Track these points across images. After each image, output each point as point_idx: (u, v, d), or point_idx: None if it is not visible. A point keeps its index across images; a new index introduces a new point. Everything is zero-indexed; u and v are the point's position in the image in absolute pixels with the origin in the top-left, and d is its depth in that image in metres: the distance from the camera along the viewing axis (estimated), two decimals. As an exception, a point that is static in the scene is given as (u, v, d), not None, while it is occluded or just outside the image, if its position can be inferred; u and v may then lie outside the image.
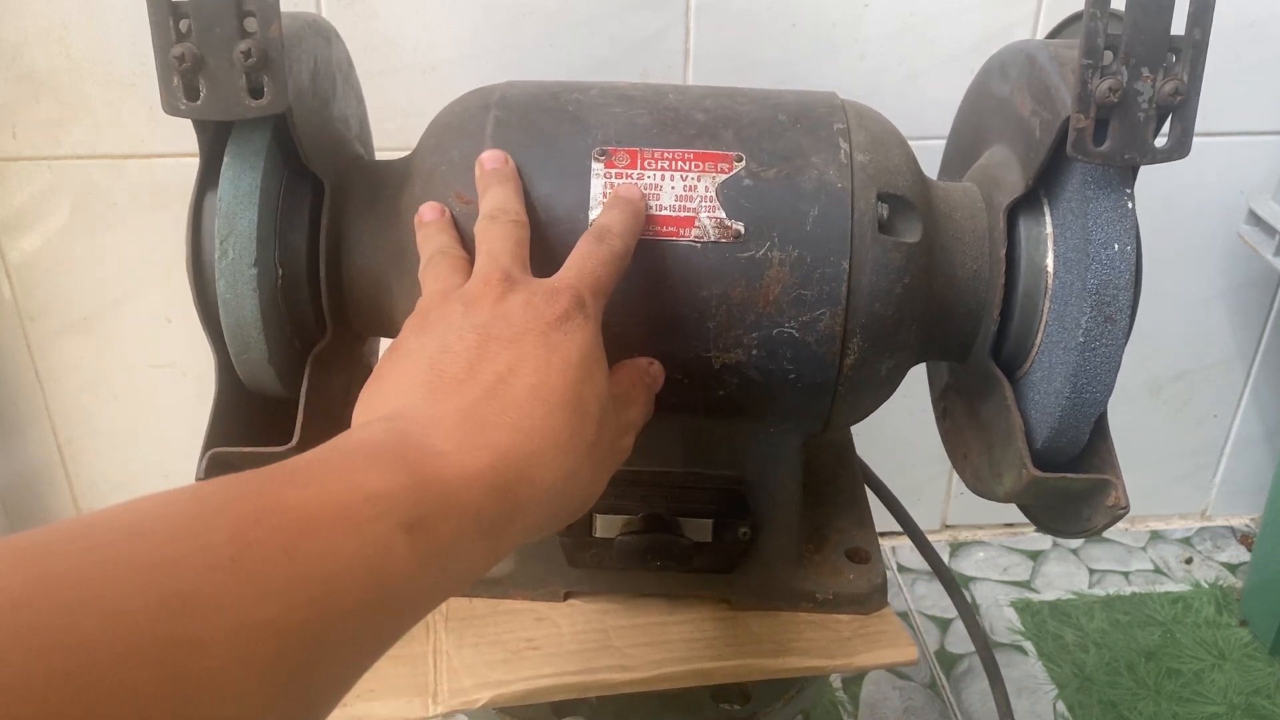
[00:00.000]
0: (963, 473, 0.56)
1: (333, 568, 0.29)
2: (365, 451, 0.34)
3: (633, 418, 0.44)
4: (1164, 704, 0.95)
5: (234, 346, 0.49)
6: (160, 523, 0.28)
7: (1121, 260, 0.46)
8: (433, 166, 0.50)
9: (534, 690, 0.52)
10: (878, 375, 0.50)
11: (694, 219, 0.47)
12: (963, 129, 0.61)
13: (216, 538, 0.27)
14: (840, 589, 0.56)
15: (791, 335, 0.48)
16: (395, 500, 0.31)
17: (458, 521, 0.33)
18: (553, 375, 0.39)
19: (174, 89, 0.44)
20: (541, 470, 0.37)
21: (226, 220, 0.47)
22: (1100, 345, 0.46)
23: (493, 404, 0.37)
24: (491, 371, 0.38)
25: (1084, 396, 0.47)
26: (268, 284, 0.48)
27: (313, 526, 0.29)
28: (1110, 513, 0.48)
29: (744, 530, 0.54)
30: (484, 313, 0.40)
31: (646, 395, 0.46)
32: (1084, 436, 0.49)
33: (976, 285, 0.51)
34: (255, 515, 0.29)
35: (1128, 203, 0.46)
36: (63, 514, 1.03)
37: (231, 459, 0.48)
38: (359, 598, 0.29)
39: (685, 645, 0.54)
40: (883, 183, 0.48)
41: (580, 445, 0.39)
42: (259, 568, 0.27)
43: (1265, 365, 1.10)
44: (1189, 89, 0.43)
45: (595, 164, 0.48)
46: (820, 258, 0.47)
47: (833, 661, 0.54)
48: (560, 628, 0.55)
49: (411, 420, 0.36)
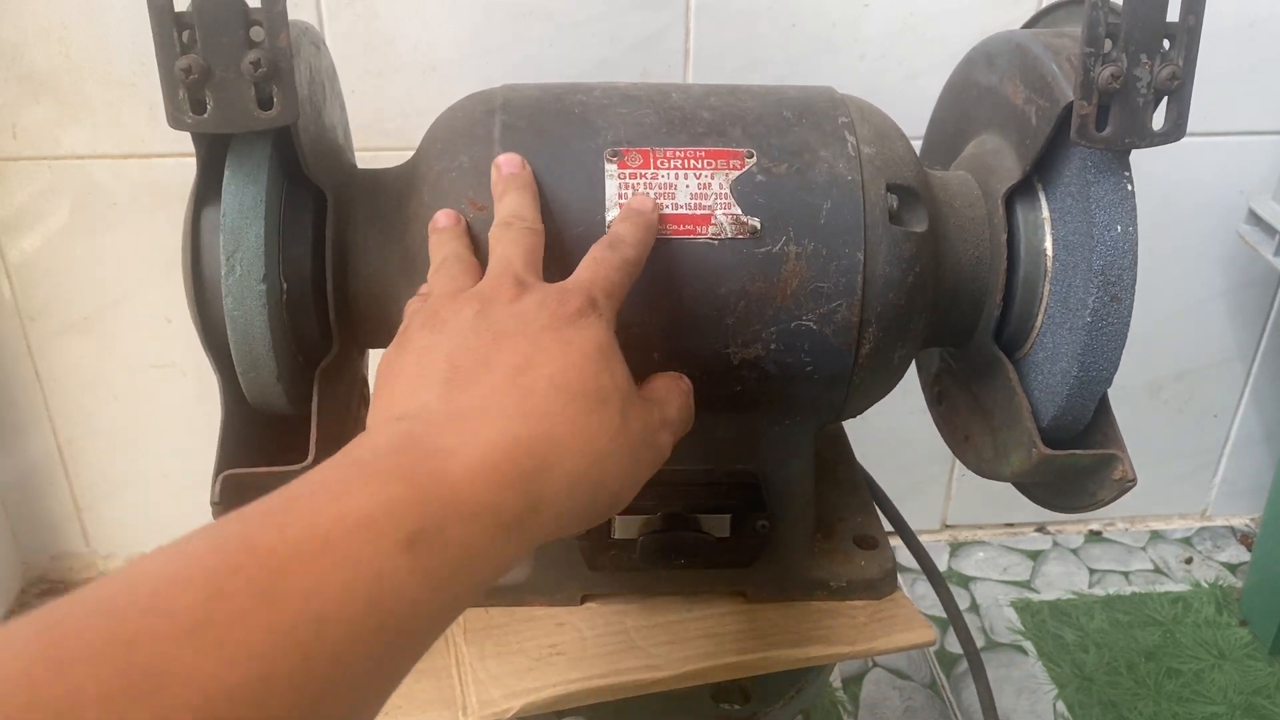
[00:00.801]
0: (964, 455, 0.57)
1: (322, 605, 0.28)
2: (363, 467, 0.33)
3: (669, 415, 0.44)
4: (1164, 704, 0.95)
5: (242, 365, 0.47)
6: (136, 593, 0.27)
7: (1125, 241, 0.47)
8: (440, 173, 0.49)
9: (565, 696, 0.52)
10: (890, 363, 0.50)
11: (710, 216, 0.47)
12: (945, 119, 0.62)
13: (186, 600, 0.26)
14: (853, 576, 0.57)
15: (809, 328, 0.48)
16: (391, 517, 0.30)
17: (470, 521, 0.32)
18: (570, 366, 0.38)
19: (180, 102, 0.43)
20: (563, 456, 0.36)
21: (232, 235, 0.45)
22: (1107, 324, 0.48)
23: (510, 395, 0.37)
24: (508, 364, 0.38)
25: (1091, 374, 0.49)
26: (275, 299, 0.47)
27: (296, 565, 0.28)
28: (1118, 486, 0.49)
29: (762, 523, 0.54)
30: (498, 311, 0.40)
31: (681, 398, 0.45)
32: (1089, 414, 0.50)
33: (979, 271, 0.52)
34: (232, 565, 0.28)
35: (1127, 185, 0.48)
36: (63, 514, 1.03)
37: (245, 480, 0.47)
38: (355, 630, 0.28)
39: (708, 640, 0.55)
40: (890, 174, 0.49)
41: (604, 432, 0.38)
42: (232, 626, 0.26)
43: (1265, 365, 1.10)
44: (1185, 73, 0.45)
45: (609, 165, 0.48)
46: (835, 250, 0.48)
47: (854, 647, 0.55)
48: (582, 632, 0.55)
49: (424, 420, 0.36)
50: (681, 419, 0.44)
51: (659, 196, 0.48)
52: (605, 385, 0.39)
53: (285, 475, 0.47)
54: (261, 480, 0.48)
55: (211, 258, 0.47)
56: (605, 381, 0.39)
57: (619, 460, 0.39)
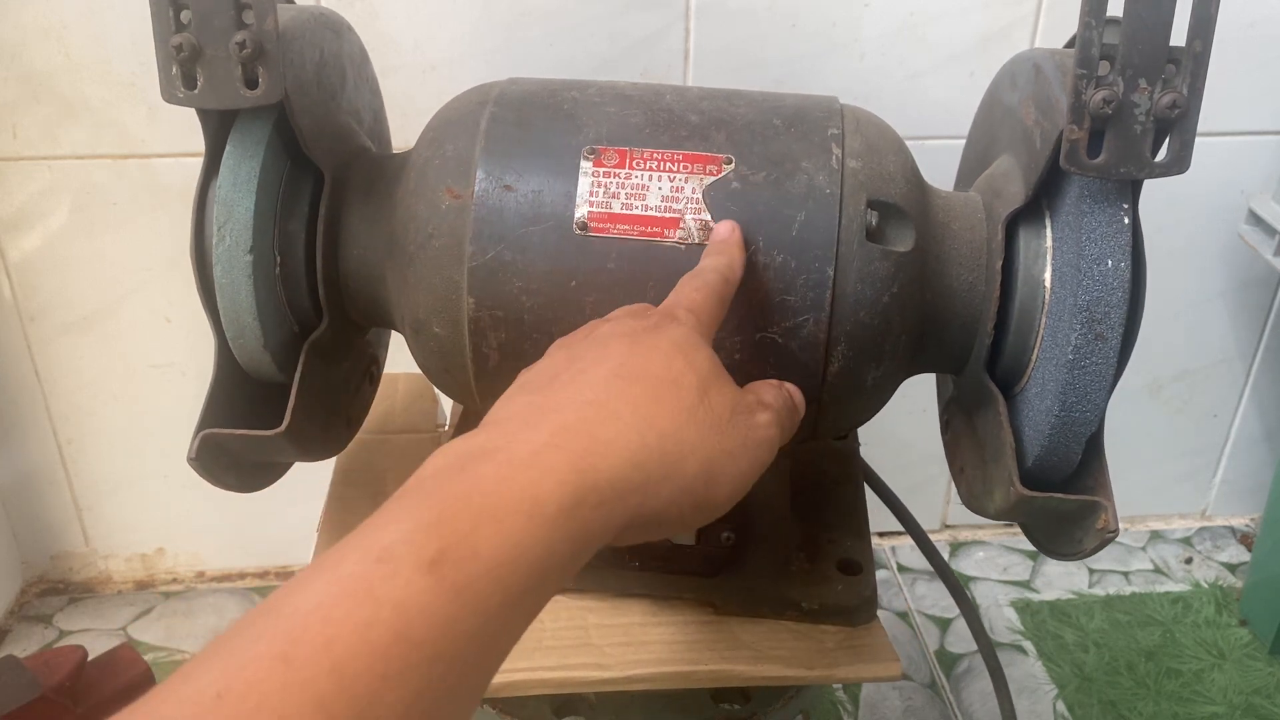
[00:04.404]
0: (958, 486, 0.56)
1: (342, 651, 0.27)
2: (400, 498, 0.32)
3: (765, 398, 0.42)
4: (1164, 704, 0.95)
5: (230, 331, 0.50)
6: (170, 679, 0.27)
7: (1114, 277, 0.45)
8: (427, 160, 0.50)
9: (508, 684, 0.52)
10: (863, 384, 0.49)
11: (679, 220, 0.47)
12: (976, 138, 0.60)
13: (209, 677, 0.26)
14: (827, 600, 0.56)
15: (775, 341, 0.47)
16: (411, 543, 0.29)
17: (504, 521, 0.31)
18: (635, 356, 0.38)
19: (172, 77, 0.45)
20: (621, 431, 0.35)
21: (225, 207, 0.48)
22: (1090, 363, 0.45)
23: (566, 389, 0.37)
24: (573, 370, 0.39)
25: (1073, 415, 0.46)
26: (264, 270, 0.49)
27: (315, 617, 0.27)
28: (1099, 535, 0.46)
29: (727, 535, 0.54)
30: (592, 331, 0.42)
31: (774, 388, 0.44)
32: (1076, 456, 0.48)
33: (971, 297, 0.50)
34: (255, 634, 0.27)
35: (1124, 218, 0.45)
36: (63, 514, 1.03)
37: (224, 440, 0.49)
38: (384, 668, 0.27)
39: (664, 647, 0.54)
40: (874, 190, 0.48)
41: (673, 409, 0.37)
42: (247, 694, 0.26)
43: (1265, 365, 1.10)
44: (1188, 102, 0.42)
45: (584, 162, 0.48)
46: (805, 264, 0.47)
47: (810, 672, 0.54)
48: (542, 623, 0.55)
49: (480, 428, 0.36)
50: (782, 406, 0.43)
51: (630, 197, 0.48)
52: (678, 369, 0.38)
53: (261, 439, 0.48)
54: (241, 441, 0.49)
55: (213, 228, 0.49)
56: (678, 365, 0.38)
57: (700, 435, 0.37)
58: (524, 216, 0.47)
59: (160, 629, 1.02)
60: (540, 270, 0.48)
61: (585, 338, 0.42)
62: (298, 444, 0.50)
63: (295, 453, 0.51)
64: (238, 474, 0.52)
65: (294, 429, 0.49)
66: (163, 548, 1.06)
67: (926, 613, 1.06)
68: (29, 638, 1.00)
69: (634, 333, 0.40)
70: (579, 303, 0.48)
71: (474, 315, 0.48)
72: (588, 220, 0.47)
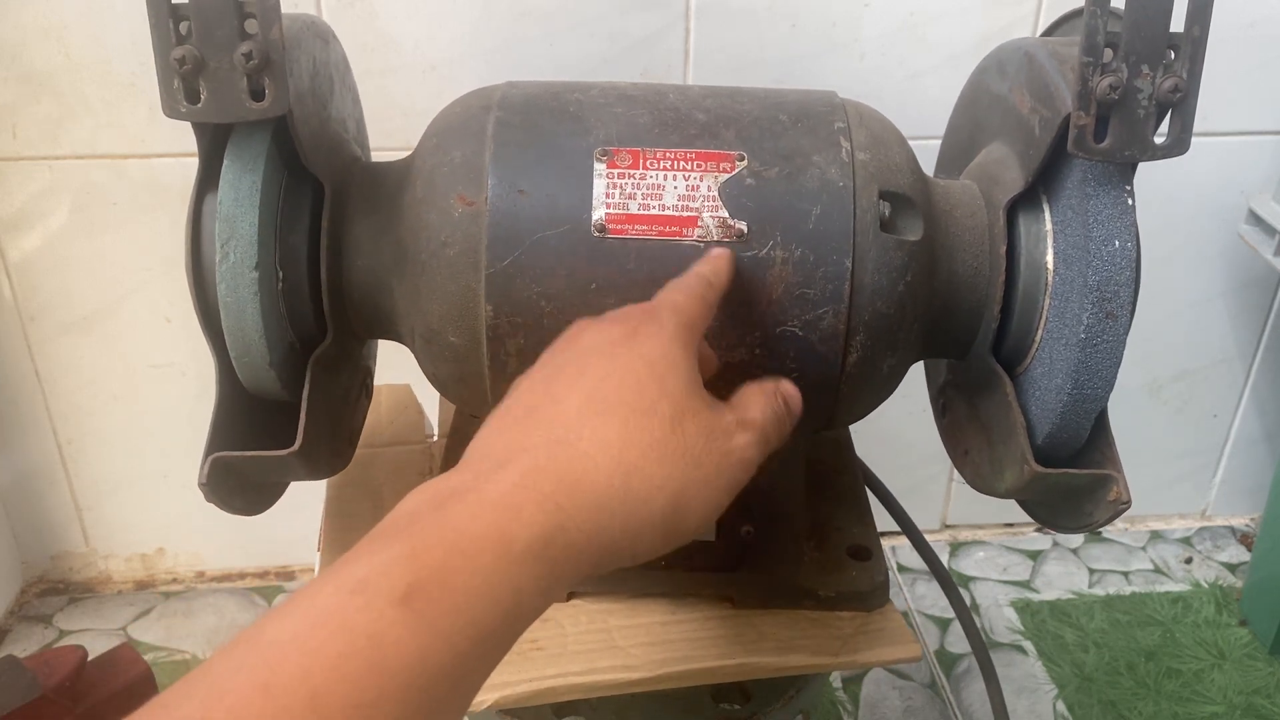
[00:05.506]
0: (962, 469, 0.56)
1: (319, 681, 0.28)
2: (376, 534, 0.33)
3: (749, 416, 0.42)
4: (1164, 704, 0.95)
5: (235, 350, 0.48)
6: (151, 706, 0.27)
7: (1122, 257, 0.46)
8: (434, 167, 0.49)
9: (539, 691, 0.52)
10: (880, 373, 0.50)
11: (697, 219, 0.47)
12: (959, 126, 0.61)
13: (188, 708, 0.27)
14: (842, 586, 0.57)
15: (795, 334, 0.48)
16: (386, 576, 0.30)
17: (474, 557, 0.32)
18: (608, 384, 0.38)
19: (174, 91, 0.44)
20: (588, 471, 0.36)
21: (227, 223, 0.46)
22: (1102, 341, 0.47)
23: (539, 426, 0.37)
24: (551, 396, 0.39)
25: (1085, 392, 0.48)
26: (269, 287, 0.48)
27: (292, 648, 0.28)
28: (1112, 507, 0.48)
29: (747, 529, 0.54)
30: (575, 346, 0.42)
31: (765, 399, 0.43)
32: (1085, 432, 0.50)
33: (977, 282, 0.51)
34: (235, 665, 0.28)
35: (1128, 199, 0.47)
36: (63, 514, 1.03)
37: (234, 463, 0.48)
38: (356, 697, 0.28)
39: (688, 644, 0.54)
40: (884, 181, 0.49)
41: (640, 443, 0.37)
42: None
43: (1265, 365, 1.10)
44: (1188, 86, 0.44)
45: (598, 164, 0.48)
46: (823, 256, 0.47)
47: (836, 659, 0.54)
48: (564, 628, 0.55)
49: (458, 467, 0.37)
50: (767, 420, 0.43)
51: (646, 197, 0.48)
52: (651, 397, 0.38)
53: (274, 460, 0.48)
54: (251, 463, 0.48)
55: (211, 244, 0.48)
56: (651, 393, 0.39)
57: (669, 470, 0.38)
58: (539, 221, 0.47)
59: (160, 629, 1.02)
60: (559, 274, 0.47)
61: (568, 347, 0.42)
62: (309, 462, 0.49)
63: (305, 471, 0.50)
64: (244, 496, 0.51)
65: (305, 447, 0.48)
66: (163, 548, 1.06)
67: (926, 613, 1.06)
68: (29, 638, 1.00)
69: (613, 345, 0.40)
70: (599, 305, 0.47)
71: (492, 322, 0.48)
72: (606, 222, 0.47)
